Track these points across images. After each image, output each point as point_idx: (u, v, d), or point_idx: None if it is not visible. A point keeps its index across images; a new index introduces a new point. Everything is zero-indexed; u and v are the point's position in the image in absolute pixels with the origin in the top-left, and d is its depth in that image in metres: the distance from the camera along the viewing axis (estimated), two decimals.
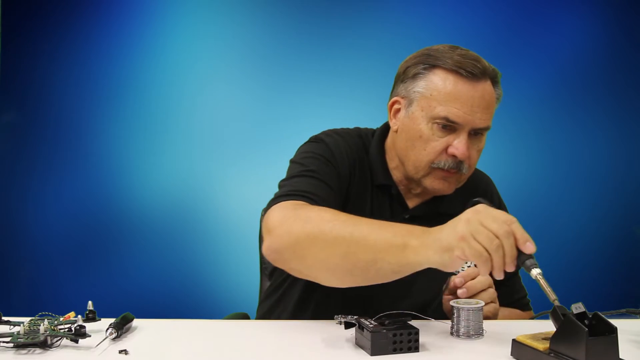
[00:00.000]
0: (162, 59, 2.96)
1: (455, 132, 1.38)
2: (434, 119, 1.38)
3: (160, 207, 2.95)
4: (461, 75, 1.38)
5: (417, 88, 1.42)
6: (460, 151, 1.37)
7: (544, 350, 1.01)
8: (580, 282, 2.83)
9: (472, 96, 1.37)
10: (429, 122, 1.39)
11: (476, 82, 1.38)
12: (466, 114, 1.37)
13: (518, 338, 1.07)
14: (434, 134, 1.39)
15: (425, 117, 1.40)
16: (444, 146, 1.39)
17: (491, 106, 1.41)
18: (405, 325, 1.11)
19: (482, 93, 1.38)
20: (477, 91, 1.38)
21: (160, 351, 1.15)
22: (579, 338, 0.96)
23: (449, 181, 1.42)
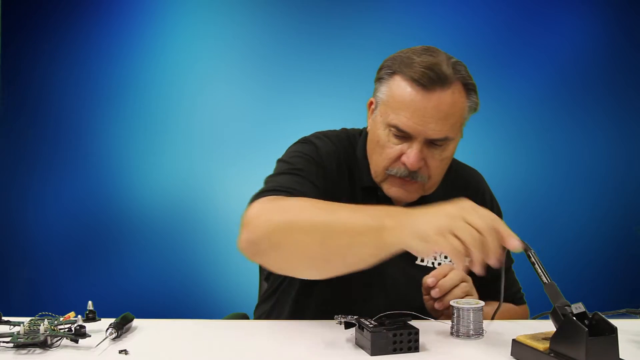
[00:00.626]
0: (162, 59, 2.96)
1: (410, 140, 1.36)
2: (388, 126, 1.37)
3: (160, 207, 2.95)
4: (417, 84, 1.33)
5: (380, 93, 1.41)
6: (411, 161, 1.35)
7: (544, 350, 1.01)
8: (581, 282, 2.83)
9: (425, 106, 1.33)
10: (385, 128, 1.38)
11: (431, 92, 1.33)
12: (416, 124, 1.33)
13: (518, 338, 1.07)
14: (390, 140, 1.37)
15: (382, 122, 1.38)
16: (398, 154, 1.37)
17: (450, 117, 1.34)
18: (405, 325, 1.11)
19: (436, 103, 1.33)
20: (430, 101, 1.33)
21: (160, 351, 1.15)
22: (579, 338, 0.96)
23: (408, 190, 1.40)
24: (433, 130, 1.34)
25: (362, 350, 1.11)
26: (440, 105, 1.33)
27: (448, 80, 1.34)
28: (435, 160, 1.38)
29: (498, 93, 2.95)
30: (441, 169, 1.42)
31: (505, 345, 1.11)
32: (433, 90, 1.33)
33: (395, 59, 1.41)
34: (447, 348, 1.14)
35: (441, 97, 1.33)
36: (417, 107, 1.33)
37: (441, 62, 1.36)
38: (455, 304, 1.19)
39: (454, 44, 3.03)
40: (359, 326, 1.12)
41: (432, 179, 1.41)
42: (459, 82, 1.37)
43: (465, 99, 1.38)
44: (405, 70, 1.35)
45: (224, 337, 1.25)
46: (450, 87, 1.34)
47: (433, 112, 1.33)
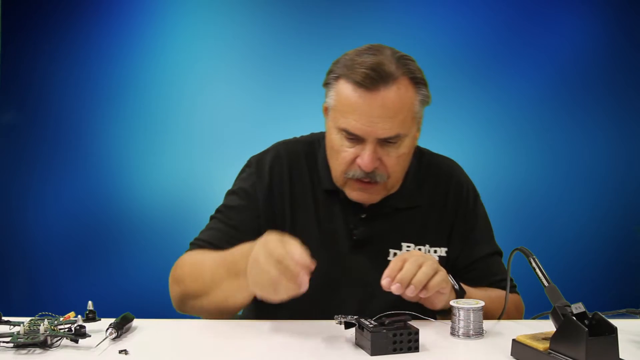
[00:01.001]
0: (162, 59, 2.96)
1: (362, 142, 1.36)
2: (339, 130, 1.37)
3: (160, 207, 2.95)
4: (359, 86, 1.33)
5: (328, 98, 1.42)
6: (365, 163, 1.35)
7: (544, 350, 1.01)
8: (581, 282, 2.83)
9: (371, 107, 1.32)
10: (337, 132, 1.38)
11: (375, 92, 1.32)
12: (365, 125, 1.33)
13: (518, 338, 1.07)
14: (343, 144, 1.38)
15: (334, 127, 1.39)
16: (353, 157, 1.37)
17: (399, 113, 1.34)
18: (405, 325, 1.11)
19: (382, 102, 1.32)
20: (376, 101, 1.32)
21: (160, 351, 1.15)
22: (579, 338, 0.96)
23: (369, 192, 1.41)
24: (382, 129, 1.33)
25: (362, 350, 1.11)
26: (386, 104, 1.33)
27: (391, 77, 1.33)
28: (392, 158, 1.38)
29: (498, 93, 2.95)
30: (400, 166, 1.41)
31: (505, 345, 1.11)
32: (377, 89, 1.32)
33: (339, 62, 1.41)
34: (447, 348, 1.15)
35: (386, 96, 1.33)
36: (363, 109, 1.33)
37: (382, 60, 1.34)
38: (455, 304, 1.20)
39: (454, 44, 3.04)
40: (359, 326, 1.12)
41: (392, 177, 1.41)
42: (405, 77, 1.36)
43: (413, 93, 1.37)
44: (348, 73, 1.35)
45: (224, 337, 1.25)
46: (395, 84, 1.34)
47: (380, 111, 1.32)
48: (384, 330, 1.09)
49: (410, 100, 1.37)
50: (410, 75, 1.37)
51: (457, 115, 2.91)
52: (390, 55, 1.37)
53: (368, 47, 1.40)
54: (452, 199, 1.52)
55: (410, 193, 1.49)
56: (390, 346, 1.09)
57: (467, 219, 1.52)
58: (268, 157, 1.53)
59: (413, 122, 1.39)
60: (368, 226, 1.47)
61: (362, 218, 1.47)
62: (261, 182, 1.50)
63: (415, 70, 1.39)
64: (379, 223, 1.47)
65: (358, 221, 1.47)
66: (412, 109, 1.38)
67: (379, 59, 1.35)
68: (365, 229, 1.46)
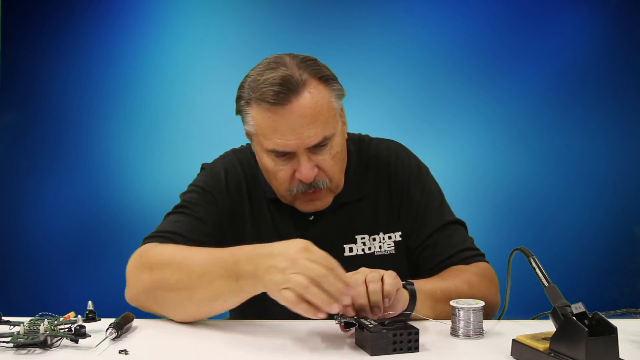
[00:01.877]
0: (162, 59, 2.96)
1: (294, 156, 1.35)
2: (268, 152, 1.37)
3: (160, 207, 2.91)
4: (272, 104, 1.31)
5: (247, 125, 1.42)
6: (304, 175, 1.34)
7: (544, 350, 1.01)
8: (581, 282, 2.83)
9: (289, 120, 1.31)
10: (268, 155, 1.38)
11: (288, 106, 1.30)
12: (291, 140, 1.32)
13: (518, 338, 1.07)
14: (276, 164, 1.37)
15: (262, 151, 1.39)
16: (291, 172, 1.36)
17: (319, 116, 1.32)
18: (406, 325, 1.11)
19: (299, 113, 1.30)
20: (293, 113, 1.30)
21: (160, 351, 1.15)
22: (579, 338, 0.96)
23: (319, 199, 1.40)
24: (308, 137, 1.32)
25: (362, 351, 1.11)
26: (303, 112, 1.31)
27: (299, 84, 1.31)
28: (327, 161, 1.37)
29: (498, 93, 2.95)
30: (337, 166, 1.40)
31: (505, 345, 1.11)
32: (289, 102, 1.31)
33: (244, 86, 1.41)
34: (447, 348, 1.15)
35: (301, 104, 1.31)
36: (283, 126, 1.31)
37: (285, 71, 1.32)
38: (455, 304, 1.19)
39: (454, 44, 3.04)
40: (359, 326, 1.12)
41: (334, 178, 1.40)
42: (313, 78, 1.34)
43: (326, 91, 1.36)
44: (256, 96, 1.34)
45: (224, 337, 1.25)
46: (305, 89, 1.32)
47: (300, 121, 1.31)
48: (384, 330, 1.09)
49: (326, 100, 1.35)
50: (318, 75, 1.35)
51: (457, 115, 2.91)
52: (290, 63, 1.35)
53: (268, 62, 1.38)
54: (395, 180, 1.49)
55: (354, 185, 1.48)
56: (390, 346, 1.09)
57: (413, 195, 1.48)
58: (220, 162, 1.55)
59: (336, 119, 1.37)
60: (318, 226, 1.46)
61: (311, 220, 1.46)
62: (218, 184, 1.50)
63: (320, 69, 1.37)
64: (328, 221, 1.46)
65: (307, 224, 1.46)
66: (331, 107, 1.36)
67: (281, 72, 1.32)
68: (315, 230, 1.45)
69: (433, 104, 2.86)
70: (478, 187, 1.62)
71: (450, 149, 2.84)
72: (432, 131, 2.85)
